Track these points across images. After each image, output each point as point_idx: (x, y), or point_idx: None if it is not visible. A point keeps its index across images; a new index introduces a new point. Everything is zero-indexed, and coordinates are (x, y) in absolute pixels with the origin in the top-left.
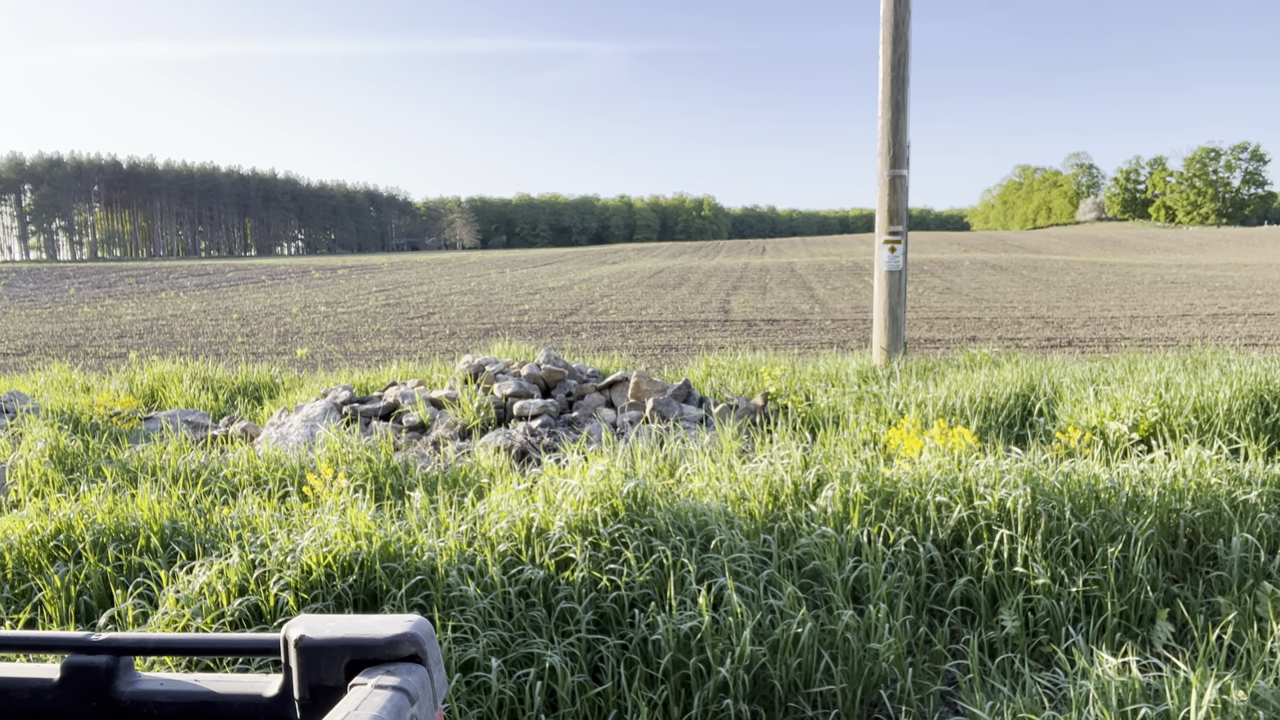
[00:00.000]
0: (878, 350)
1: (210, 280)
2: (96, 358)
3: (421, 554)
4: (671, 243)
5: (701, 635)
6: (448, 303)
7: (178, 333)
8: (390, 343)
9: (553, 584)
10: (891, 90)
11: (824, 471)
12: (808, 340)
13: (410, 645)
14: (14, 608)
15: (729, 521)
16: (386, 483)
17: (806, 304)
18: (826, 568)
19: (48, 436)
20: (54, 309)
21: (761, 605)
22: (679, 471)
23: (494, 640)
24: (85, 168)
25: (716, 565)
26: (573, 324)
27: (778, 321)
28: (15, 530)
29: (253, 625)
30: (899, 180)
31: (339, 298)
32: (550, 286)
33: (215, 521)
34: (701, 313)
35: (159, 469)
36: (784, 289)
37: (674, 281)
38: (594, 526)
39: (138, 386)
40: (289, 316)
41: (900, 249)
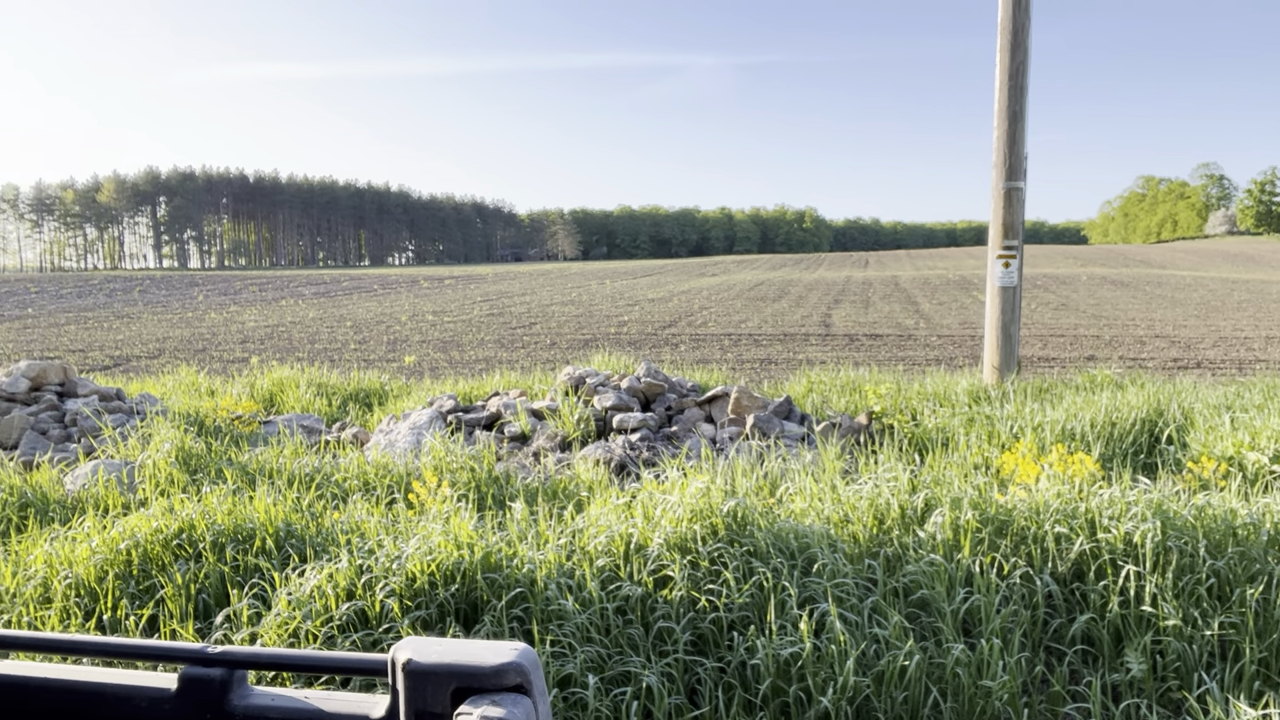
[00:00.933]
0: (989, 369)
1: (327, 289)
2: (221, 362)
3: (521, 566)
4: (771, 255)
5: (803, 662)
6: (549, 313)
7: (296, 339)
8: (493, 352)
9: (651, 602)
10: (1009, 100)
11: (933, 496)
12: (912, 357)
13: (516, 675)
14: (138, 603)
15: (832, 545)
16: (488, 492)
17: (911, 319)
18: (935, 598)
19: (174, 438)
20: (184, 314)
21: (866, 634)
22: (780, 491)
23: (591, 657)
24: (215, 181)
25: (819, 590)
26: (671, 336)
27: (881, 337)
28: (142, 528)
29: (359, 630)
30: (1015, 193)
31: (445, 307)
32: (649, 298)
33: (326, 525)
34: (802, 326)
35: (275, 472)
36: (887, 303)
37: (774, 294)
38: (693, 545)
39: (258, 391)
40: (398, 325)
41: (1015, 264)
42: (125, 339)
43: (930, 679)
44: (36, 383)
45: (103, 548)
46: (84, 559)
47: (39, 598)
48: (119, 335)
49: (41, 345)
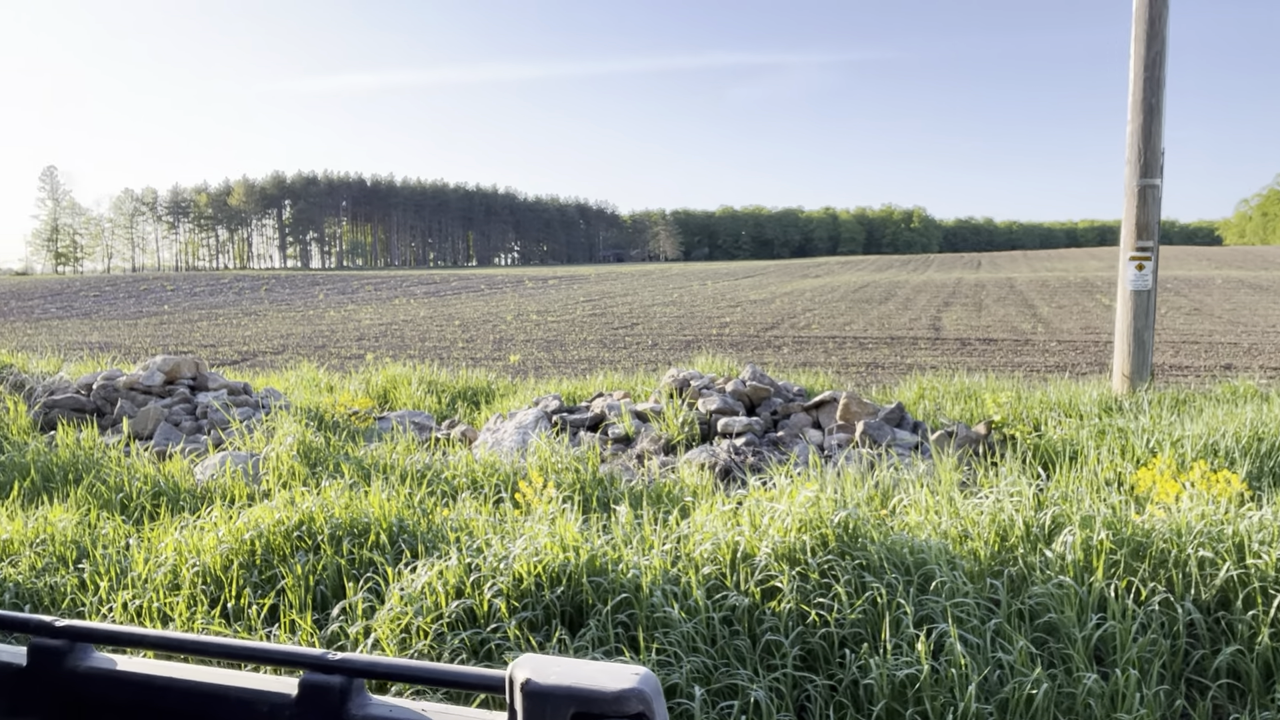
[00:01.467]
0: (1119, 377)
1: (436, 289)
2: (339, 358)
3: (626, 571)
4: (877, 256)
5: (920, 685)
6: (650, 313)
7: (407, 337)
8: (595, 351)
9: (758, 613)
10: (1144, 93)
11: (1061, 513)
12: (1030, 363)
13: (638, 702)
14: (260, 592)
15: (950, 561)
16: (593, 494)
17: (1028, 323)
18: (1064, 622)
19: (296, 432)
20: (305, 312)
21: (988, 658)
22: (893, 502)
23: (697, 667)
24: (335, 185)
25: (936, 609)
26: (774, 338)
27: (995, 341)
28: (265, 519)
29: (467, 627)
30: (1150, 191)
31: (549, 306)
32: (751, 299)
33: (436, 522)
34: (910, 330)
35: (389, 468)
36: (1002, 306)
37: (880, 296)
38: (802, 556)
39: (373, 387)
40: (504, 324)
41: (1149, 266)
42: (252, 335)
43: (1059, 709)
44: (171, 376)
45: (228, 537)
46: (211, 547)
47: (169, 584)
48: (246, 331)
49: (176, 340)
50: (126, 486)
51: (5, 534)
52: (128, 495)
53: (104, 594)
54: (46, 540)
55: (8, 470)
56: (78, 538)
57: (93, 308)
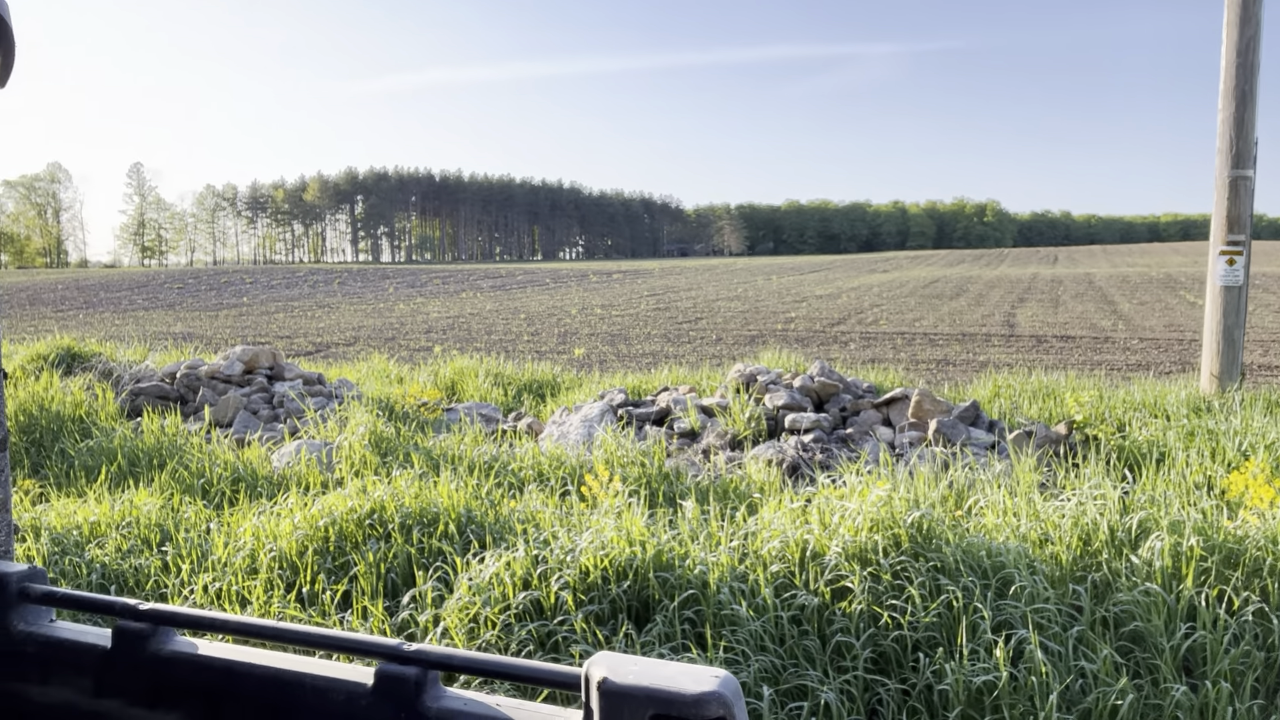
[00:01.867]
0: (1207, 377)
1: (502, 282)
2: (408, 350)
3: (693, 567)
4: (949, 250)
5: (998, 692)
6: (715, 308)
7: (474, 330)
8: (659, 346)
9: (828, 613)
10: (1237, 79)
11: (1148, 518)
12: (1110, 361)
13: (719, 707)
14: (334, 578)
15: (1030, 565)
16: (659, 489)
17: (1108, 320)
18: (1151, 631)
19: (367, 422)
20: (376, 305)
21: (1070, 666)
22: (968, 503)
23: (765, 666)
24: (405, 180)
25: (1015, 614)
26: (840, 334)
27: (1073, 338)
28: (338, 507)
29: (534, 619)
30: (1242, 182)
31: (613, 301)
32: (817, 294)
33: (504, 513)
34: (982, 326)
35: (457, 458)
36: (1080, 302)
37: (951, 292)
38: (873, 556)
39: (440, 379)
40: (568, 317)
41: (1241, 261)
42: (325, 327)
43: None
44: (249, 366)
45: (304, 524)
46: (287, 533)
47: (247, 568)
48: (320, 323)
49: (254, 331)
50: (207, 472)
51: (93, 516)
52: (208, 481)
53: (185, 576)
54: (132, 523)
55: (96, 455)
56: (161, 521)
57: (176, 299)
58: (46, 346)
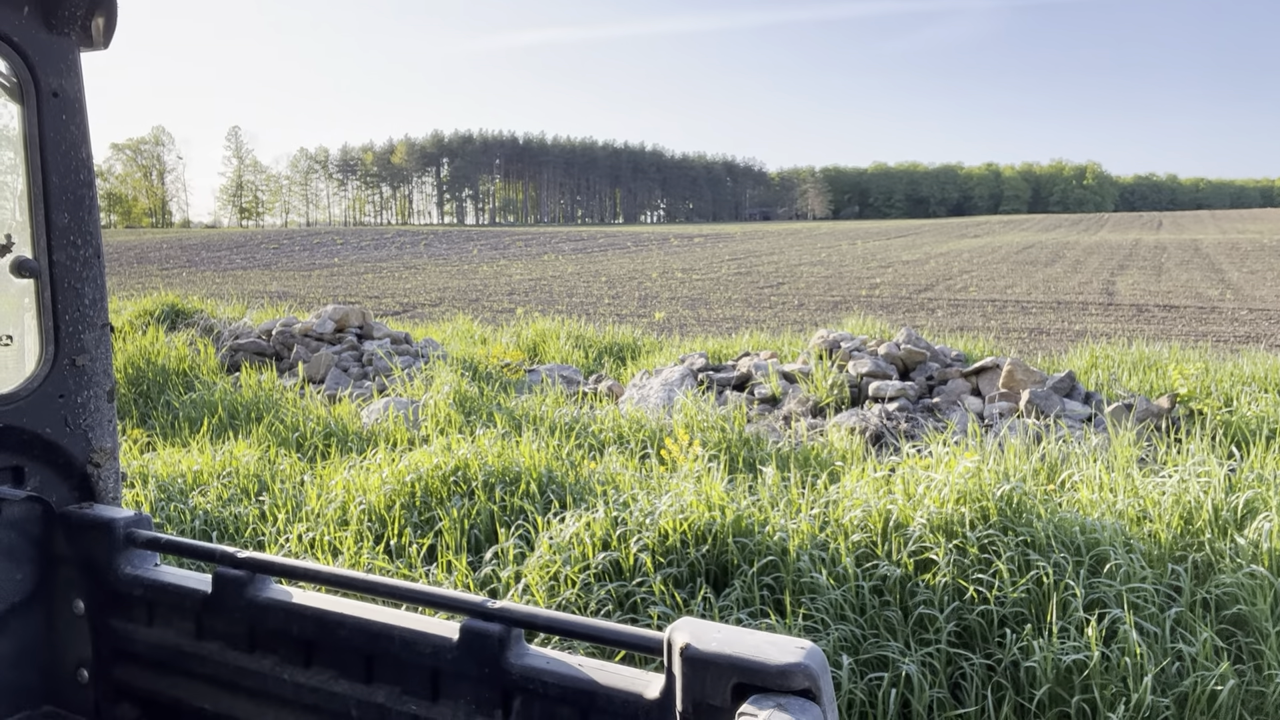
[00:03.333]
0: None
1: (584, 245)
2: (491, 311)
3: (773, 533)
4: (1044, 215)
5: (1089, 672)
6: (797, 273)
7: (555, 292)
8: (740, 311)
9: (910, 585)
10: None
11: (1256, 497)
12: (1218, 332)
13: (804, 678)
14: (419, 532)
15: (1126, 543)
16: (739, 454)
17: (1215, 289)
18: (1255, 615)
19: (452, 381)
20: (460, 267)
21: (1167, 649)
22: (1061, 477)
23: (845, 636)
24: (489, 143)
25: (1109, 593)
26: (927, 300)
27: (1176, 308)
28: (424, 464)
29: (614, 580)
30: None
31: (694, 265)
32: (904, 260)
33: (584, 475)
34: (1079, 294)
35: (538, 419)
36: (1184, 270)
37: (1046, 258)
38: (959, 529)
39: (523, 340)
40: (649, 281)
41: None
42: (412, 287)
43: (1246, 708)
44: (340, 325)
45: (391, 479)
46: (375, 488)
47: (338, 519)
48: (407, 284)
49: (344, 291)
50: (301, 426)
51: (196, 465)
52: (302, 435)
53: (281, 525)
54: (232, 473)
55: (199, 407)
56: (259, 472)
57: (272, 259)
58: (152, 303)
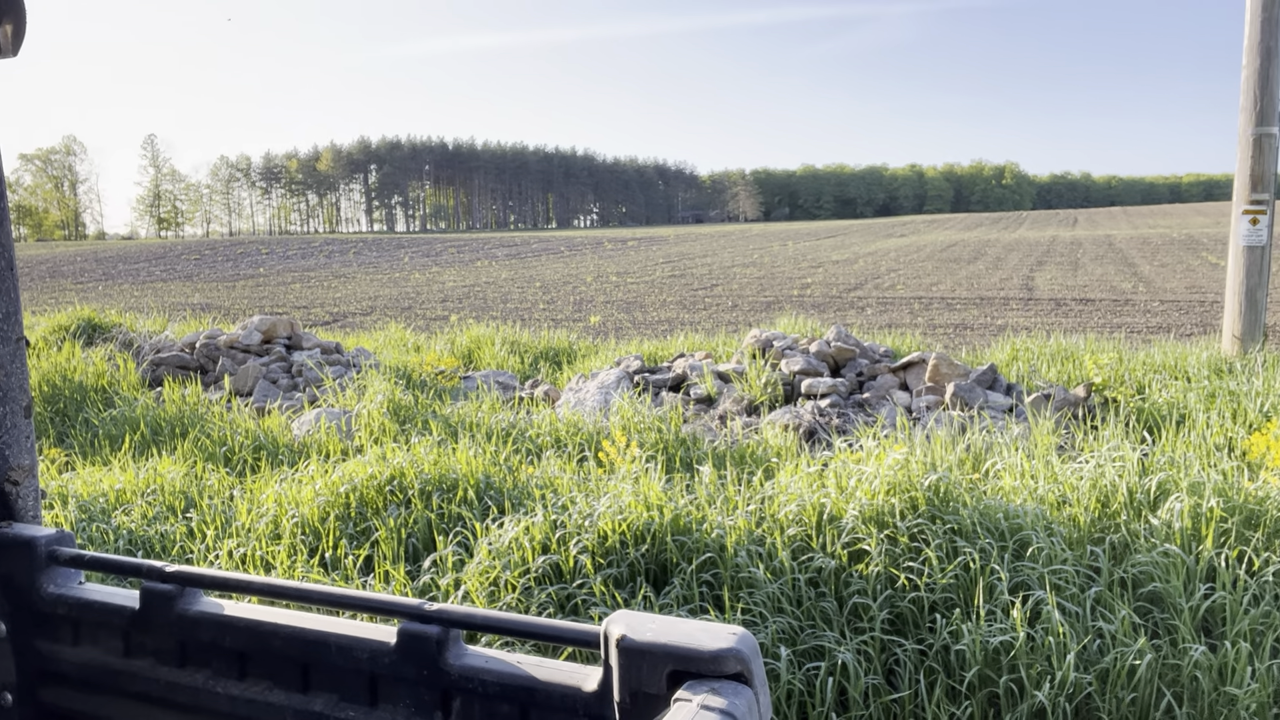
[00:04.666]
0: (1228, 338)
1: (517, 251)
2: (424, 319)
3: (711, 531)
4: (966, 214)
5: (1015, 652)
6: (730, 274)
7: (490, 298)
8: (675, 313)
9: (845, 576)
10: (1261, 34)
11: (1167, 479)
12: (1131, 323)
13: (736, 662)
14: (355, 543)
15: (1047, 527)
16: (676, 454)
17: (1128, 282)
18: (1170, 592)
19: (385, 390)
20: (392, 275)
21: (1088, 627)
22: (985, 466)
23: (782, 628)
24: (419, 149)
25: (1032, 575)
26: (857, 299)
27: (1092, 301)
28: (359, 474)
29: (554, 582)
30: (1266, 140)
31: (628, 268)
32: (833, 260)
33: (522, 479)
34: (1001, 290)
35: (475, 425)
36: (1100, 265)
37: (969, 255)
38: (890, 519)
39: (457, 347)
40: (584, 285)
41: (1264, 221)
42: (342, 297)
43: (1163, 681)
44: (268, 336)
45: (325, 490)
46: (309, 500)
47: (270, 534)
48: (337, 293)
49: (271, 302)
50: (229, 440)
51: (119, 484)
52: (230, 449)
53: (210, 542)
54: (157, 490)
55: (120, 424)
56: (185, 488)
57: (194, 270)
58: (67, 318)
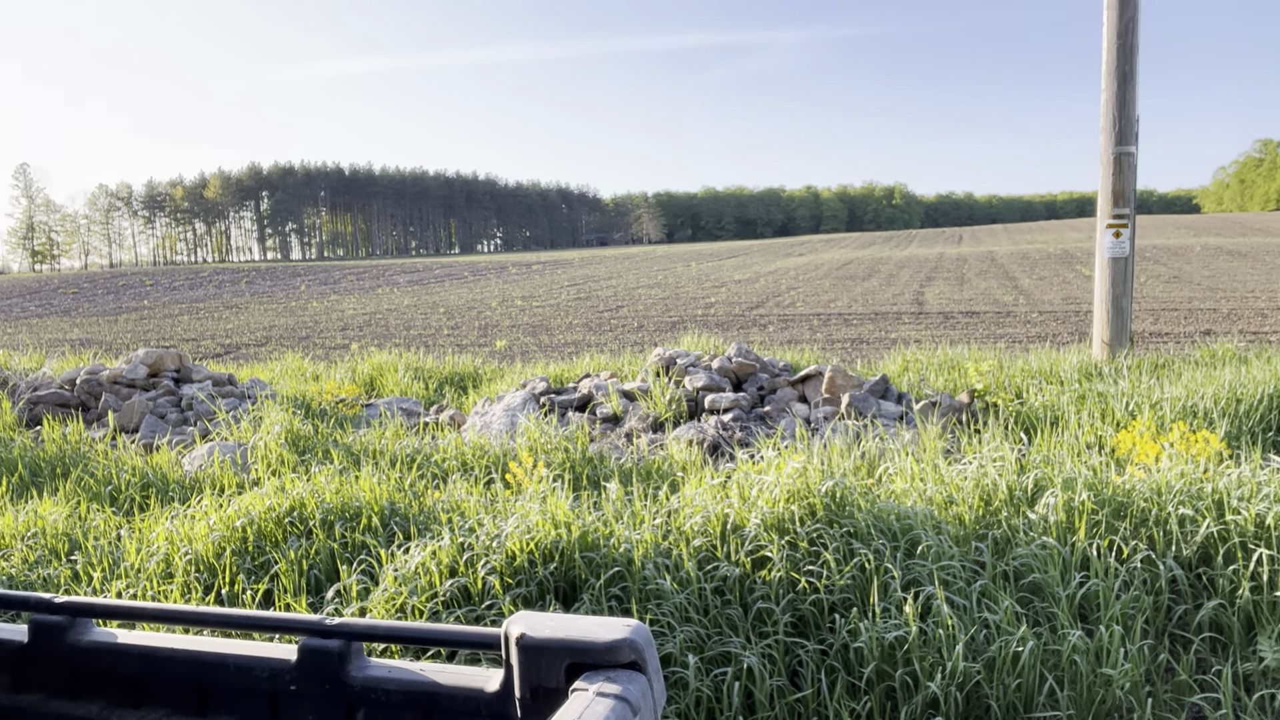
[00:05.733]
0: (1099, 344)
1: (420, 277)
2: (323, 348)
3: (618, 545)
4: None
5: (908, 646)
6: (635, 296)
7: (392, 325)
8: (582, 335)
9: (749, 582)
10: (1118, 59)
11: (1044, 476)
12: (1012, 334)
13: (630, 651)
14: (254, 578)
15: (936, 526)
16: (583, 473)
17: (1010, 295)
18: (1049, 582)
19: (283, 420)
20: (288, 304)
21: (975, 619)
22: (879, 471)
23: (690, 636)
24: (313, 175)
25: (923, 572)
26: (759, 317)
27: (977, 314)
28: (256, 506)
29: (462, 605)
30: (1125, 158)
31: (534, 292)
32: (736, 279)
33: (428, 504)
34: (893, 305)
35: (378, 453)
36: (984, 279)
37: (863, 273)
38: (791, 525)
39: (359, 375)
40: (489, 310)
41: (1126, 234)
42: (234, 328)
43: (1045, 666)
44: (154, 369)
45: (220, 525)
46: (203, 536)
47: (161, 573)
48: (229, 324)
49: (158, 335)
50: (115, 479)
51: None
52: (116, 488)
53: (98, 584)
54: (38, 534)
55: None
56: (69, 530)
57: (71, 305)
58: None
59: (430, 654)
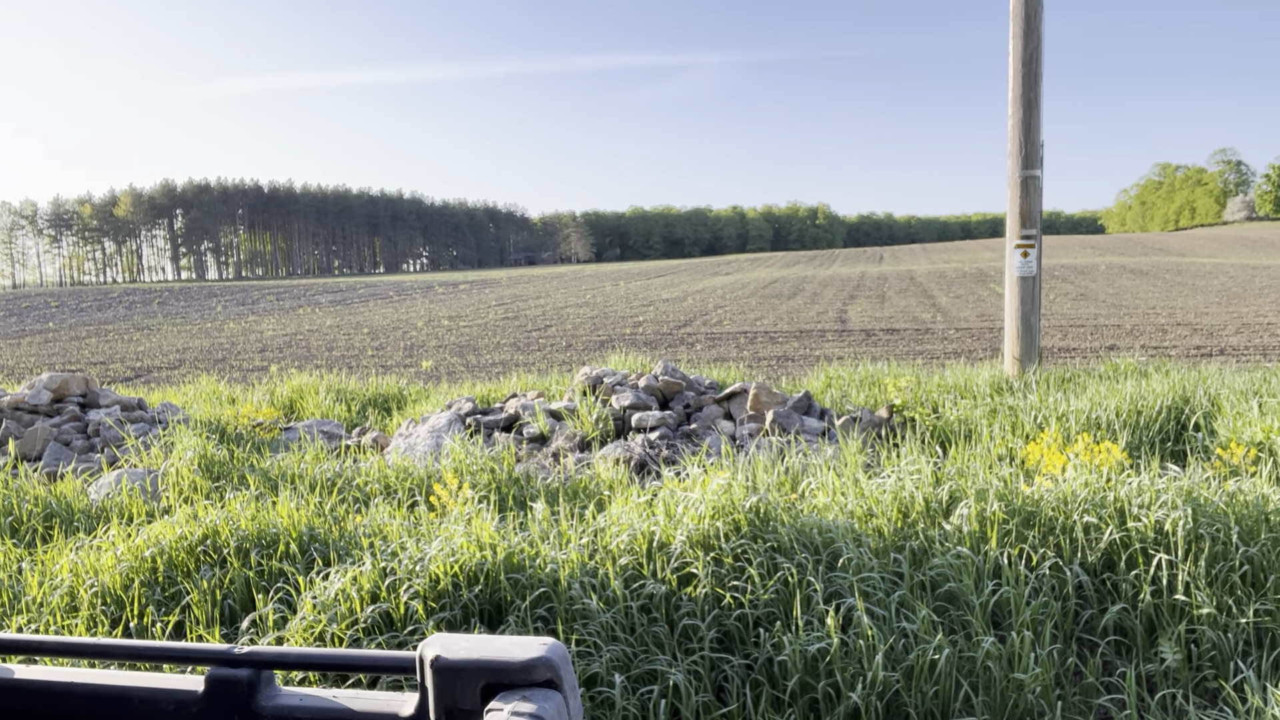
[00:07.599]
0: (1010, 360)
1: (343, 297)
2: (241, 371)
3: (544, 566)
4: (785, 252)
5: (830, 658)
6: (564, 315)
7: (314, 347)
8: (509, 355)
9: (675, 600)
10: (1023, 87)
11: (957, 488)
12: (930, 350)
13: (546, 670)
14: (164, 609)
15: (856, 539)
16: (509, 493)
17: (928, 313)
18: (963, 590)
19: (196, 446)
20: (203, 325)
21: (894, 628)
22: (802, 486)
23: (617, 655)
24: (230, 193)
25: (844, 584)
26: (687, 335)
27: (898, 331)
28: (166, 535)
29: (384, 632)
30: (1032, 181)
31: (461, 312)
32: (664, 298)
33: (349, 529)
34: (818, 323)
35: (297, 477)
36: (903, 298)
37: (789, 291)
38: (716, 542)
39: (278, 398)
40: (415, 330)
41: (1034, 253)
42: (146, 350)
43: (961, 673)
44: (59, 394)
45: (128, 555)
46: (109, 567)
47: (65, 606)
48: (139, 347)
49: (63, 358)
50: (15, 509)
51: None
52: (17, 519)
53: None
54: None
55: None
56: None
57: None
58: None
59: (351, 682)
